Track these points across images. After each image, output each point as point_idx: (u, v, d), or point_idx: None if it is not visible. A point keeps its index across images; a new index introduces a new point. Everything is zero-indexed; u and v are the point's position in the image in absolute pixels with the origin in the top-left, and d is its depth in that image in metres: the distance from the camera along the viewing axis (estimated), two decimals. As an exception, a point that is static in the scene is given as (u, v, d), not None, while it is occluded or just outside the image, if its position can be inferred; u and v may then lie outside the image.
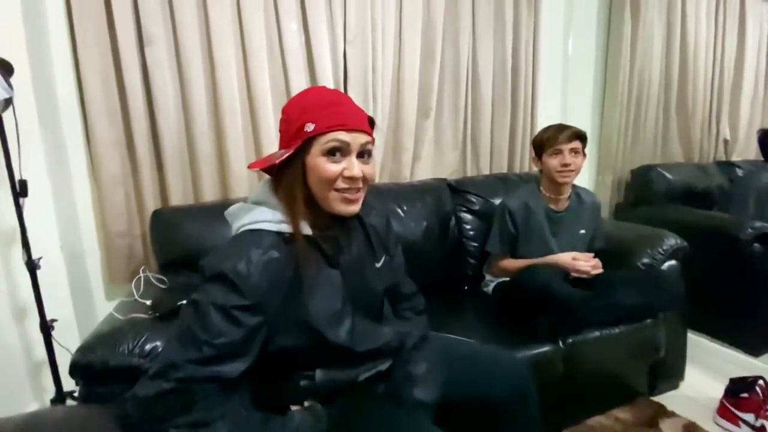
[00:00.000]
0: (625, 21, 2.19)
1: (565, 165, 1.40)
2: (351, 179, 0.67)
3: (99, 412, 0.65)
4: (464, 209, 1.76)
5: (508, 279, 1.48)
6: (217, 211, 1.40)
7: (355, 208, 0.70)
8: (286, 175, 0.68)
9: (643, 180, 2.23)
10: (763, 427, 1.27)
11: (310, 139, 0.66)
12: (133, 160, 1.50)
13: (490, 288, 1.55)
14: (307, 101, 0.71)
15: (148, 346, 0.84)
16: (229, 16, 1.49)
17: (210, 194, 1.58)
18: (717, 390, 1.47)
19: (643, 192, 2.21)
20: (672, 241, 1.52)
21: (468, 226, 1.75)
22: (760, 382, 1.33)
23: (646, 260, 1.49)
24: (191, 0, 1.44)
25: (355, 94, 1.71)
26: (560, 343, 1.26)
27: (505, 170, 2.06)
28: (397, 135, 1.84)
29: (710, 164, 2.45)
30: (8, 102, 1.08)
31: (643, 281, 1.40)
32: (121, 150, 1.47)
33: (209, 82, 1.52)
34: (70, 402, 1.28)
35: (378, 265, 0.83)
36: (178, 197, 1.55)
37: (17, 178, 1.15)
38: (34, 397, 1.40)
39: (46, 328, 1.22)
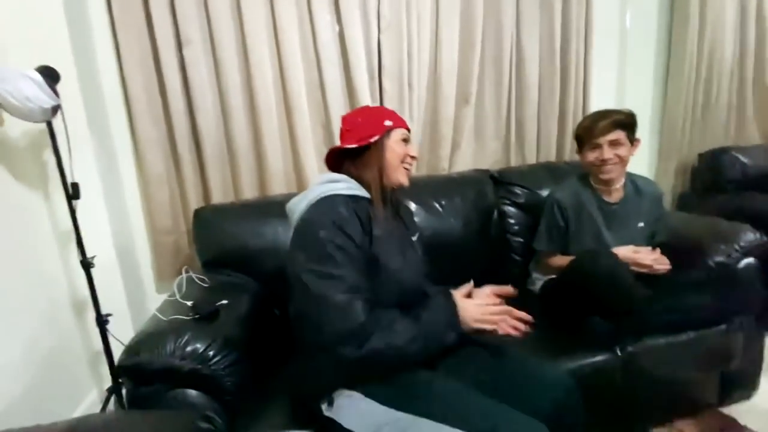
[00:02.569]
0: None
1: (604, 160, 1.27)
2: (413, 158, 0.98)
3: (139, 418, 0.65)
4: (508, 202, 1.65)
5: (557, 276, 1.37)
6: (256, 209, 1.43)
7: (408, 182, 0.98)
8: (372, 154, 0.93)
9: (713, 165, 1.99)
10: None
11: (389, 131, 0.94)
12: (176, 159, 1.54)
13: (537, 286, 1.45)
14: (374, 109, 1.04)
15: (189, 348, 0.85)
16: (263, 12, 1.48)
17: (249, 191, 1.60)
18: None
19: (714, 179, 1.98)
20: (750, 236, 1.34)
21: (512, 221, 1.64)
22: None
23: (719, 258, 1.31)
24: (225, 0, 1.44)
25: (390, 84, 1.65)
26: (618, 352, 1.15)
27: (553, 159, 1.92)
28: (434, 125, 1.77)
29: (796, 145, 2.15)
30: (56, 108, 1.12)
31: (715, 281, 1.24)
32: (164, 149, 1.52)
33: (245, 79, 1.53)
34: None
35: (414, 239, 1.05)
36: (218, 194, 1.58)
37: (69, 181, 1.20)
38: (94, 384, 1.50)
39: (101, 321, 1.28)
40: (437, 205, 1.54)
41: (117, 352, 1.33)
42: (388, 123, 0.95)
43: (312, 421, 0.85)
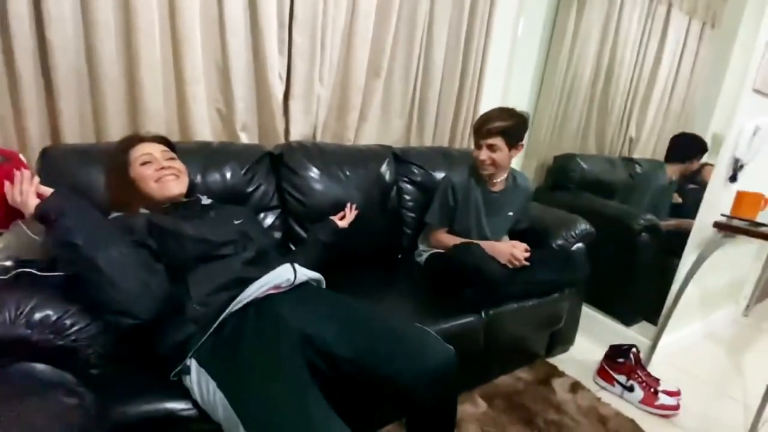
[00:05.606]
0: (571, 13, 2.28)
1: (480, 160, 1.45)
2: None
3: None
4: (406, 180, 1.75)
5: (441, 251, 1.52)
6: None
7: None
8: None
9: (563, 167, 2.43)
10: (632, 386, 1.53)
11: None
12: (12, 80, 1.18)
13: (423, 258, 1.59)
14: None
15: (37, 315, 0.70)
16: None
17: (115, 132, 1.33)
18: (597, 354, 1.74)
19: (562, 178, 2.42)
20: (583, 226, 1.70)
21: (408, 197, 1.75)
22: (633, 350, 1.60)
23: (560, 241, 1.65)
24: None
25: (301, 38, 1.55)
26: (483, 315, 1.35)
27: (446, 144, 2.08)
28: (344, 92, 1.73)
29: (617, 158, 2.75)
30: None
31: (557, 260, 1.54)
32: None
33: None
34: None
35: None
36: (72, 132, 1.28)
37: None
38: None
39: None
40: (341, 174, 1.54)
41: None
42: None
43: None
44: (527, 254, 1.43)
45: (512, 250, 1.41)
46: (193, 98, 1.42)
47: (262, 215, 1.44)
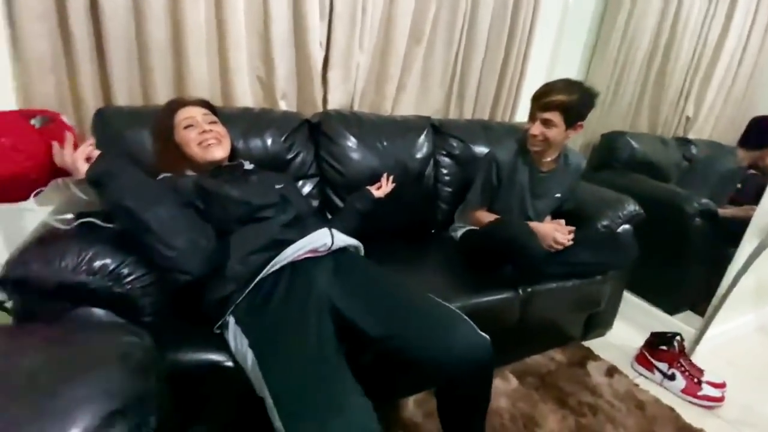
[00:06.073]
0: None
1: (533, 135, 1.35)
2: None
3: (19, 332, 0.55)
4: (444, 153, 1.70)
5: (477, 228, 1.49)
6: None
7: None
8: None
9: (610, 145, 2.29)
10: (674, 375, 1.47)
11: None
12: (66, 40, 1.22)
13: (458, 234, 1.56)
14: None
15: (96, 263, 0.74)
16: None
17: (162, 96, 1.36)
18: (636, 341, 1.67)
19: (609, 157, 2.28)
20: (631, 207, 1.61)
21: (445, 171, 1.71)
22: (678, 338, 1.52)
23: (605, 222, 1.57)
24: None
25: (342, 4, 1.50)
26: (519, 291, 1.32)
27: (486, 117, 2.00)
28: (384, 59, 1.68)
29: (670, 139, 2.56)
30: None
31: (602, 241, 1.47)
32: (50, 25, 1.19)
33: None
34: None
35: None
36: (122, 95, 1.32)
37: None
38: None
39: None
40: (379, 145, 1.52)
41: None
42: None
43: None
44: (571, 235, 1.35)
45: (555, 234, 1.34)
46: (235, 65, 1.42)
47: (300, 183, 1.45)
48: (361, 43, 1.60)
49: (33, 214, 1.30)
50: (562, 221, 1.41)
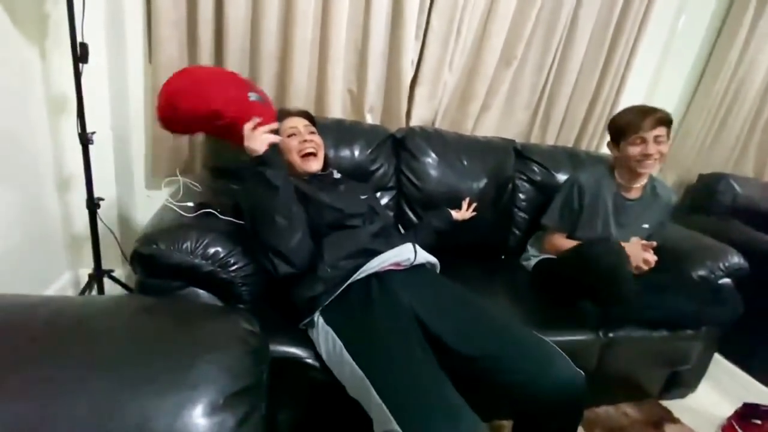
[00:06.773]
0: (747, 13, 1.91)
1: (647, 155, 1.27)
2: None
3: (152, 303, 0.61)
4: (524, 177, 1.65)
5: (553, 257, 1.41)
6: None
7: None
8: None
9: (709, 187, 2.08)
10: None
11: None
12: (193, 45, 1.37)
13: (531, 263, 1.49)
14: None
15: (210, 250, 0.81)
16: None
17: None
18: (722, 409, 1.48)
19: (706, 200, 2.07)
20: (736, 259, 1.44)
21: (522, 196, 1.65)
22: (780, 413, 1.32)
23: (702, 272, 1.41)
24: None
25: (438, 22, 1.54)
26: (601, 334, 1.22)
27: (571, 144, 1.92)
28: (470, 80, 1.68)
29: (782, 186, 2.27)
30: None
31: (700, 290, 1.33)
32: (180, 32, 1.34)
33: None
34: (108, 280, 1.30)
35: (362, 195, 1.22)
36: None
37: (78, 40, 1.05)
38: (69, 267, 1.42)
39: (93, 205, 1.19)
40: (459, 163, 1.52)
41: (102, 240, 1.27)
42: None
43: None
44: (655, 258, 1.24)
45: (645, 255, 1.23)
46: (332, 77, 1.50)
47: (379, 194, 1.49)
48: (451, 62, 1.62)
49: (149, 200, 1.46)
50: (654, 243, 1.28)
